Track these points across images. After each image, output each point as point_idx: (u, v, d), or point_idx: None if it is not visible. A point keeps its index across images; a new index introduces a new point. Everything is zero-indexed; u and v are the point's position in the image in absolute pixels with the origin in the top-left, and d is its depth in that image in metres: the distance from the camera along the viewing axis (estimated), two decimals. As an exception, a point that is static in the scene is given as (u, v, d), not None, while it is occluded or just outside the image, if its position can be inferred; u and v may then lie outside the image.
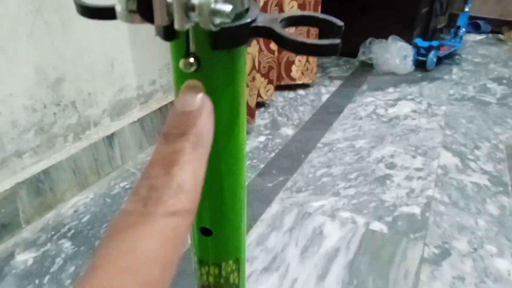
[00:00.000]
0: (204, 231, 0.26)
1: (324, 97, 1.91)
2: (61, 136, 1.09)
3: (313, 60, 1.94)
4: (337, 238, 1.02)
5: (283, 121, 1.66)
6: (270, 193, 1.19)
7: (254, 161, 1.36)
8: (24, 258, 0.92)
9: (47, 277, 0.88)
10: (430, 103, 1.86)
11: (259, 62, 1.64)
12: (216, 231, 0.26)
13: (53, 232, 1.00)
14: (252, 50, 1.41)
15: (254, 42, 1.41)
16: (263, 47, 1.63)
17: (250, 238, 1.01)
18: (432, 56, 2.21)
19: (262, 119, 1.67)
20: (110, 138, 1.21)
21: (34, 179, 1.00)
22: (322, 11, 1.91)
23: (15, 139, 0.97)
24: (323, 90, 1.99)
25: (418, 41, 2.25)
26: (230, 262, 0.28)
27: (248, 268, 0.92)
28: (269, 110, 1.76)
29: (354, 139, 1.52)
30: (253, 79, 1.46)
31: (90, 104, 1.15)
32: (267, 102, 1.82)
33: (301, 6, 1.79)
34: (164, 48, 1.39)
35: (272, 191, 1.21)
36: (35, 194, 1.01)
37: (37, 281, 0.86)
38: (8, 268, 0.89)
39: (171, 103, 1.48)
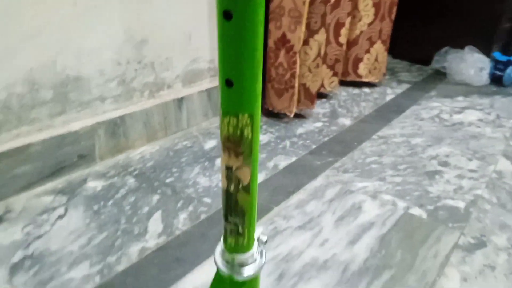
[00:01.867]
0: (228, 83, 0.35)
1: (389, 97, 1.93)
2: (138, 91, 1.23)
3: (382, 59, 1.97)
4: (374, 214, 1.06)
5: (343, 112, 1.71)
6: (317, 169, 1.26)
7: (307, 141, 1.43)
8: (94, 185, 1.07)
9: (110, 201, 1.01)
10: (499, 115, 1.81)
11: (326, 54, 1.71)
12: (236, 83, 0.34)
13: (121, 170, 1.15)
14: (320, 38, 1.48)
15: (322, 30, 1.48)
16: (331, 39, 1.69)
17: (290, 202, 1.08)
18: (510, 71, 2.13)
19: (322, 108, 1.74)
20: (180, 101, 1.35)
21: (112, 122, 1.16)
22: (398, 14, 1.94)
23: (100, 86, 1.13)
24: (389, 90, 2.01)
25: (497, 55, 2.17)
26: (246, 115, 0.36)
27: (284, 224, 0.99)
28: (331, 101, 1.82)
29: (411, 136, 1.53)
30: (317, 66, 1.53)
31: (166, 67, 1.29)
32: (330, 94, 1.87)
33: (376, 5, 1.83)
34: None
35: (319, 167, 1.27)
36: (110, 135, 1.16)
37: (102, 203, 1.01)
38: (80, 190, 1.05)
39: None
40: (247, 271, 0.47)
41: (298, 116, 1.62)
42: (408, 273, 0.86)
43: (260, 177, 1.19)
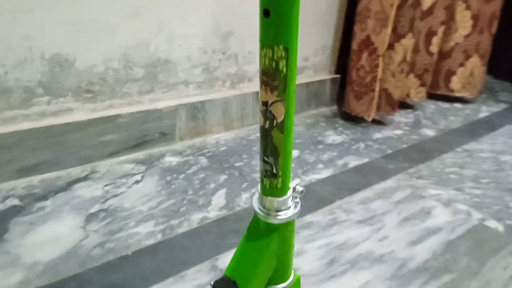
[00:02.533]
0: (266, 13, 0.37)
1: (482, 114, 1.80)
2: (220, 80, 1.31)
3: (478, 75, 1.85)
4: (443, 221, 1.00)
5: (427, 123, 1.63)
6: (389, 172, 1.22)
7: (383, 146, 1.39)
8: (171, 160, 1.16)
9: (182, 175, 1.09)
10: None
11: (414, 63, 1.65)
12: (273, 13, 0.37)
13: (196, 150, 1.22)
14: (407, 42, 1.45)
15: (410, 35, 1.44)
16: (421, 47, 1.64)
17: (354, 198, 1.07)
18: None
19: (405, 118, 1.68)
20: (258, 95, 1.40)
21: (193, 106, 1.24)
22: (500, 29, 1.81)
23: (186, 70, 1.22)
24: (483, 108, 1.87)
25: None
26: (281, 47, 0.39)
27: (344, 216, 0.98)
28: (416, 112, 1.75)
29: (501, 153, 1.42)
30: (402, 71, 1.49)
31: (249, 61, 1.36)
32: (416, 105, 1.80)
33: (475, 17, 1.74)
34: (324, 30, 1.54)
35: (391, 171, 1.23)
36: (191, 118, 1.25)
37: (174, 175, 1.08)
38: (157, 162, 1.14)
39: (319, 81, 1.61)
40: (281, 216, 0.49)
41: (377, 122, 1.58)
42: (471, 279, 0.80)
43: (327, 172, 1.19)
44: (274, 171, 0.46)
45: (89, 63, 1.02)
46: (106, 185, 1.00)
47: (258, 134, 1.35)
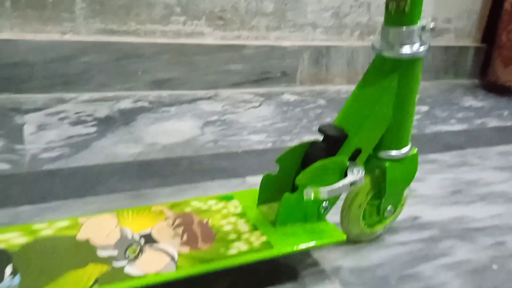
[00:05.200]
0: None
1: None
2: (349, 28, 1.27)
3: None
4: None
5: None
6: (538, 136, 1.04)
7: (533, 115, 1.20)
8: (289, 97, 1.15)
9: (298, 108, 1.07)
10: None
11: None
12: None
13: (316, 94, 1.20)
14: None
15: None
16: None
17: (492, 149, 0.93)
18: None
19: None
20: (389, 50, 1.32)
21: (317, 50, 1.22)
22: None
23: (315, 13, 1.20)
24: None
25: None
26: None
27: (476, 161, 0.86)
28: None
29: None
30: None
31: (382, 11, 1.29)
32: None
33: None
34: (472, -11, 1.39)
35: (542, 135, 1.05)
36: (314, 63, 1.23)
37: (291, 108, 1.07)
38: (276, 97, 1.14)
39: (461, 48, 1.46)
40: (405, 50, 0.44)
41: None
42: None
43: (461, 126, 1.06)
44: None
45: (225, -8, 1.07)
46: (226, 105, 1.03)
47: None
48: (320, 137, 0.49)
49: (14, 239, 0.39)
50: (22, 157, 0.68)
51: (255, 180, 0.67)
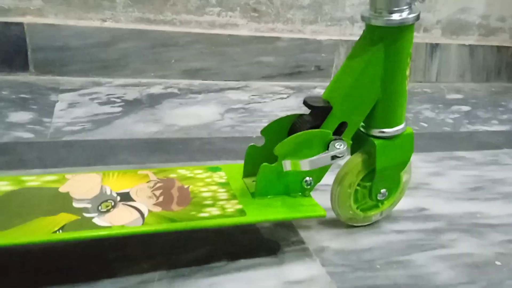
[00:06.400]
0: None
1: None
2: (390, 24, 1.23)
3: None
4: None
5: None
6: None
7: None
8: (320, 91, 1.13)
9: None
10: None
11: None
12: None
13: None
14: None
15: None
16: None
17: None
18: None
19: None
20: (433, 47, 1.26)
21: (355, 45, 1.19)
22: None
23: (354, 7, 1.18)
24: None
25: None
26: None
27: (509, 161, 0.79)
28: None
29: None
30: None
31: (428, 8, 1.24)
32: None
33: None
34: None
35: None
36: (350, 57, 1.20)
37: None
38: (306, 90, 1.13)
39: (516, 47, 1.36)
40: (393, 18, 0.42)
41: None
42: None
43: (501, 127, 0.99)
44: None
45: (261, -15, 1.08)
46: (254, 95, 1.04)
47: (425, 90, 1.22)
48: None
49: (1, 187, 0.43)
50: (47, 129, 0.73)
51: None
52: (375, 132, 0.47)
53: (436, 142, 0.86)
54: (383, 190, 0.51)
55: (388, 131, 0.47)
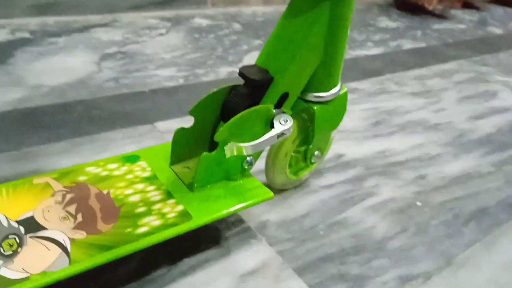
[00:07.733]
0: None
1: (559, 22, 1.55)
2: None
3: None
4: (511, 103, 0.85)
5: (494, 23, 1.43)
6: (450, 57, 1.06)
7: (443, 36, 1.21)
8: (200, 21, 1.03)
9: (212, 35, 0.96)
10: None
11: None
12: None
13: (229, 17, 1.09)
14: None
15: None
16: None
17: (408, 74, 0.92)
18: None
19: (470, 15, 1.47)
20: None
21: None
22: None
23: None
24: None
25: None
26: None
27: (394, 87, 0.84)
28: (482, 13, 1.53)
29: None
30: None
31: None
32: (482, 8, 1.58)
33: None
34: None
35: (453, 56, 1.06)
36: (226, -20, 1.10)
37: (203, 34, 0.96)
38: (185, 22, 1.01)
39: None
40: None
41: (437, 16, 1.39)
42: (548, 154, 0.66)
43: (378, 50, 1.04)
44: None
45: None
46: (127, 33, 0.90)
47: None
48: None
49: None
50: None
51: (167, 126, 0.59)
52: (311, 97, 0.43)
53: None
54: (317, 152, 0.49)
55: (326, 95, 0.43)
